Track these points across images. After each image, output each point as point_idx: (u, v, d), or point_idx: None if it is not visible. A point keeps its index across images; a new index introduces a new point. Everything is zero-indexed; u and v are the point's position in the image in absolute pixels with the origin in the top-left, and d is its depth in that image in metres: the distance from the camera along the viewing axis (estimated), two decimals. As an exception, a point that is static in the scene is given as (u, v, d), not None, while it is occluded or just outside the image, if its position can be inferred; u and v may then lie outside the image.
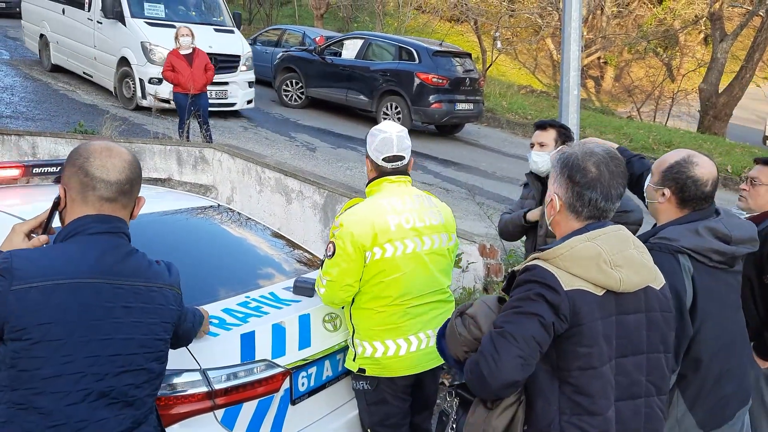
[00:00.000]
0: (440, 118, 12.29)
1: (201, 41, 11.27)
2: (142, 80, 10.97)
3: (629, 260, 2.02)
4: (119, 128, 8.96)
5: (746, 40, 21.12)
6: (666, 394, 2.13)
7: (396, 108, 12.19)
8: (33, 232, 2.01)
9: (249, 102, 12.13)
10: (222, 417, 2.63)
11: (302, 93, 13.75)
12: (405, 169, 3.12)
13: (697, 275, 2.38)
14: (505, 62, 25.44)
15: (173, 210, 3.76)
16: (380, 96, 12.46)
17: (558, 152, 3.55)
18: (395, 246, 2.97)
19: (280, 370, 2.81)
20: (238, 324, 2.83)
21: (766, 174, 3.26)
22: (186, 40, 9.14)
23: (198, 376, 2.58)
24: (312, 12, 24.22)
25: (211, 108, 11.28)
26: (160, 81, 10.46)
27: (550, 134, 3.54)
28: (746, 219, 3.14)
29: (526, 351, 1.90)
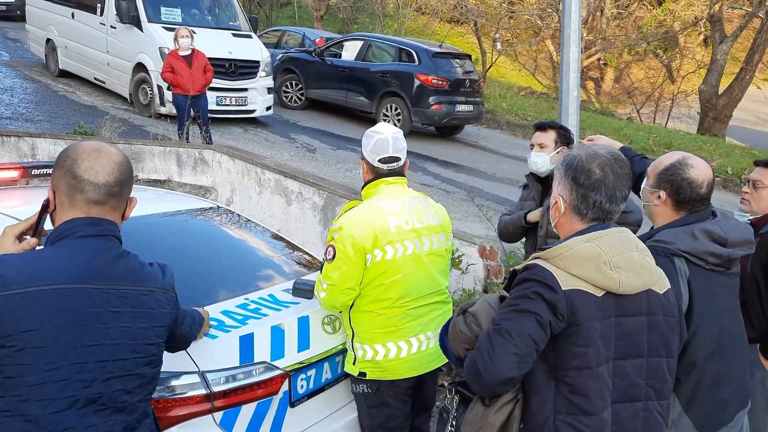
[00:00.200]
0: (440, 120, 12.29)
1: (219, 46, 11.21)
2: (161, 87, 10.59)
3: (630, 262, 2.01)
4: (119, 129, 8.96)
5: (746, 42, 21.13)
6: (667, 399, 2.11)
7: (396, 109, 12.19)
8: (25, 234, 1.98)
9: (268, 108, 11.88)
10: (221, 419, 2.62)
11: (302, 94, 13.76)
12: (401, 171, 3.12)
13: (693, 278, 2.37)
14: (505, 64, 25.44)
15: (172, 212, 3.75)
16: (380, 97, 12.46)
17: (562, 155, 3.60)
18: (395, 248, 2.96)
19: (279, 373, 2.80)
20: (237, 326, 2.82)
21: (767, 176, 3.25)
22: (185, 42, 9.13)
23: (196, 379, 2.57)
24: (312, 13, 24.22)
25: (230, 115, 11.27)
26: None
27: (550, 135, 3.56)
28: (750, 221, 3.15)
29: (522, 348, 1.91)
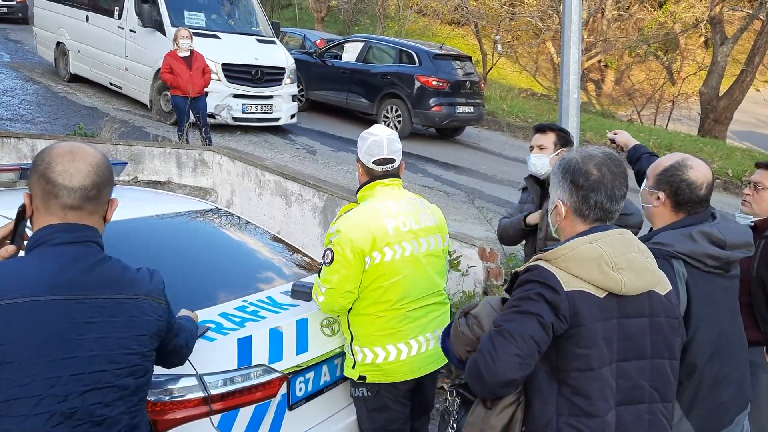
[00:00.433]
0: (440, 121, 12.28)
1: (245, 53, 10.97)
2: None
3: (631, 263, 2.01)
4: (119, 131, 8.95)
5: (747, 44, 21.13)
6: (671, 402, 2.10)
7: (396, 111, 12.18)
8: (5, 239, 1.93)
9: (292, 116, 11.55)
10: (218, 422, 2.60)
11: (302, 96, 13.75)
12: (396, 172, 3.11)
13: (692, 280, 2.36)
14: (506, 65, 25.44)
15: (171, 213, 3.74)
16: (381, 99, 12.45)
17: (557, 159, 3.59)
18: (394, 249, 2.95)
19: (277, 375, 2.79)
20: (235, 328, 2.81)
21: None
22: (186, 43, 9.06)
23: (194, 381, 2.55)
24: (313, 15, 24.25)
25: (255, 123, 11.04)
26: (205, 94, 10.12)
27: (550, 137, 3.55)
28: (753, 223, 3.14)
29: (524, 350, 1.90)
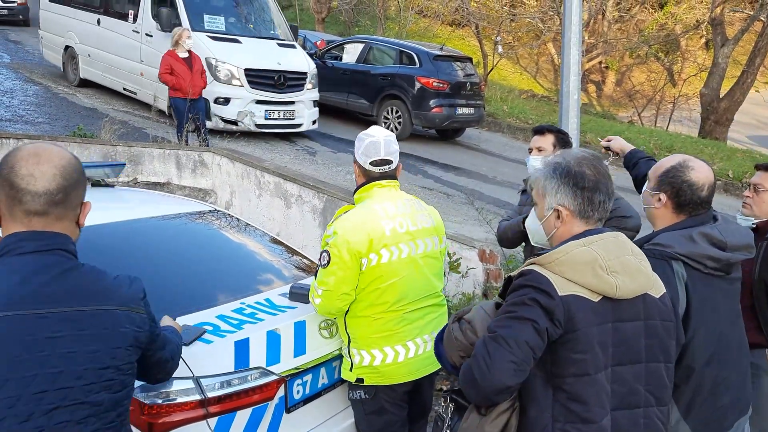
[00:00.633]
0: (441, 123, 12.26)
1: (268, 57, 10.70)
2: (207, 100, 9.93)
3: (626, 266, 1.99)
4: (118, 132, 8.93)
5: (747, 45, 21.10)
6: (667, 405, 2.09)
7: (397, 112, 12.17)
8: None
9: (314, 122, 11.26)
10: (215, 425, 2.59)
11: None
12: (393, 174, 3.10)
13: (691, 282, 2.35)
14: (507, 67, 25.43)
15: (168, 215, 3.73)
16: (381, 100, 12.43)
17: (546, 168, 3.58)
18: (391, 251, 2.94)
19: (275, 378, 2.77)
20: (233, 331, 2.80)
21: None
22: (189, 43, 9.03)
23: (191, 384, 2.54)
24: (313, 16, 24.25)
25: (278, 129, 10.73)
26: (227, 101, 9.98)
27: (548, 139, 3.56)
28: (755, 225, 3.13)
29: (519, 356, 1.88)
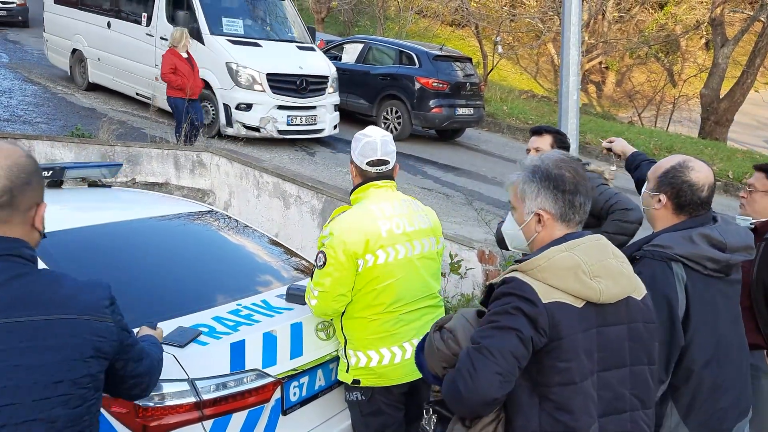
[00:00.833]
0: (440, 123, 12.24)
1: (289, 61, 10.37)
2: (228, 106, 9.79)
3: (608, 270, 1.97)
4: (116, 131, 8.92)
5: (747, 46, 21.09)
6: (651, 408, 2.07)
7: (396, 112, 12.14)
8: None
9: (335, 127, 10.92)
10: (210, 428, 2.57)
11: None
12: (390, 174, 3.08)
13: (691, 284, 2.33)
14: (507, 67, 25.42)
15: (164, 215, 3.72)
16: (380, 100, 12.40)
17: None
18: (387, 252, 2.92)
19: (271, 380, 2.76)
20: (228, 332, 2.78)
21: (761, 180, 3.26)
22: (188, 43, 9.01)
23: (186, 386, 2.52)
24: (313, 16, 24.22)
25: (300, 135, 10.51)
26: (249, 107, 9.77)
27: (546, 140, 3.56)
28: (754, 226, 3.13)
29: (505, 367, 1.84)
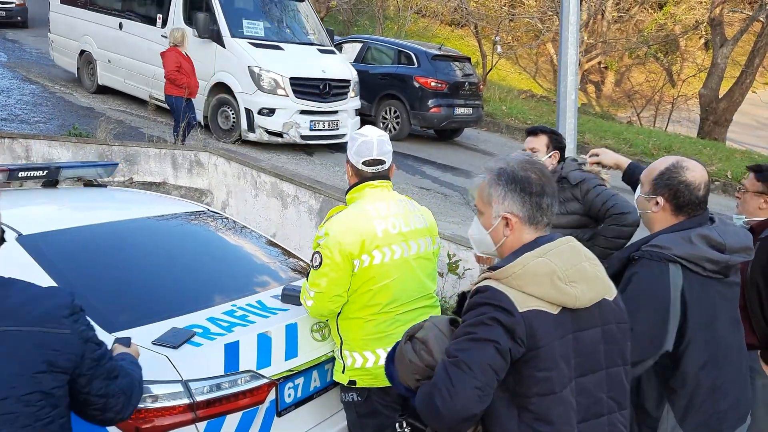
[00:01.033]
0: (439, 123, 12.23)
1: (311, 65, 10.12)
2: (250, 111, 9.56)
3: (583, 274, 1.94)
4: (114, 131, 8.89)
5: (746, 46, 21.08)
6: (627, 409, 2.05)
7: (395, 112, 12.13)
8: None
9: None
10: (204, 429, 2.55)
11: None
12: (386, 174, 3.07)
13: (688, 285, 2.32)
14: (506, 67, 25.39)
15: (158, 215, 3.69)
16: (379, 100, 12.38)
17: (554, 158, 3.57)
18: (383, 252, 2.91)
19: (265, 381, 2.74)
20: (223, 333, 2.76)
21: (751, 180, 3.29)
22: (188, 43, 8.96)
23: (179, 388, 2.51)
24: (312, 15, 24.18)
25: (323, 141, 10.30)
26: (272, 112, 9.56)
27: (542, 140, 3.56)
28: (750, 226, 3.14)
29: (483, 381, 1.79)
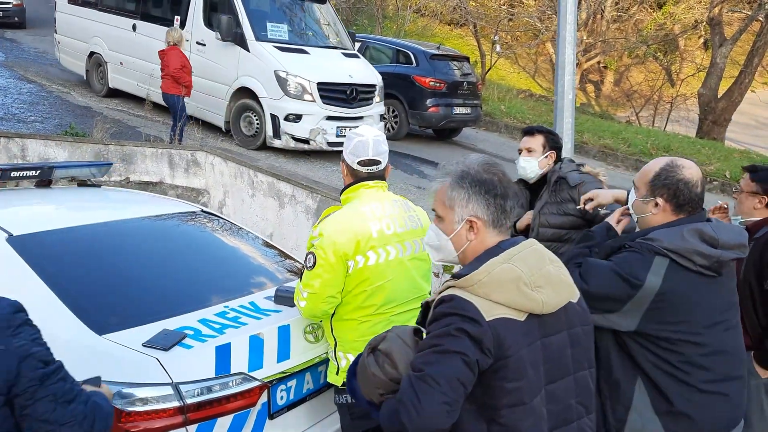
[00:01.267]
0: (437, 122, 12.20)
1: (338, 69, 9.86)
2: (276, 117, 9.25)
3: (548, 279, 1.90)
4: (111, 130, 8.87)
5: (745, 45, 21.07)
6: (593, 413, 2.02)
7: (393, 111, 12.08)
8: None
9: None
10: (195, 432, 2.53)
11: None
12: (382, 174, 3.04)
13: (671, 278, 2.30)
14: (505, 66, 25.36)
15: (152, 215, 3.67)
16: (377, 99, 12.37)
17: (551, 159, 3.55)
18: (378, 253, 2.88)
19: (257, 384, 2.72)
20: (214, 335, 2.74)
21: (746, 181, 3.30)
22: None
23: (169, 390, 2.48)
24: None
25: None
26: (298, 118, 9.27)
27: (538, 140, 3.54)
28: (746, 226, 3.13)
29: (451, 395, 1.73)
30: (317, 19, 11.08)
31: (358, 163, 2.97)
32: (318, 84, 9.46)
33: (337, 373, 2.97)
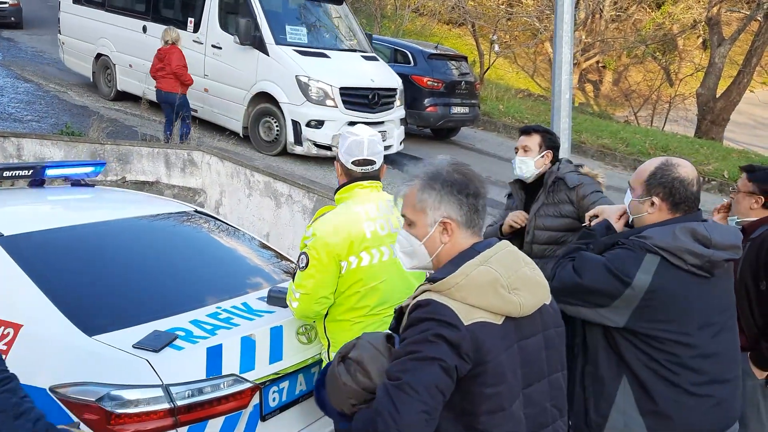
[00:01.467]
0: (435, 122, 12.17)
1: (360, 73, 9.59)
2: (297, 123, 8.99)
3: (524, 281, 1.87)
4: (107, 130, 8.84)
5: (744, 45, 21.05)
6: (566, 415, 2.00)
7: (391, 111, 12.07)
8: None
9: (401, 143, 10.08)
10: (185, 435, 2.51)
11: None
12: (376, 175, 3.02)
13: (661, 276, 2.28)
14: (504, 66, 25.34)
15: (145, 215, 3.65)
16: (375, 99, 12.33)
17: (547, 158, 3.53)
18: (371, 254, 2.86)
19: (249, 386, 2.69)
20: (205, 336, 2.72)
21: (743, 181, 3.28)
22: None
23: (159, 392, 2.46)
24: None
25: None
26: (320, 124, 9.02)
27: (535, 139, 3.53)
28: (742, 227, 3.14)
29: (430, 403, 1.68)
30: (335, 21, 10.77)
31: (353, 163, 2.95)
32: (341, 89, 9.19)
33: (331, 375, 2.96)
